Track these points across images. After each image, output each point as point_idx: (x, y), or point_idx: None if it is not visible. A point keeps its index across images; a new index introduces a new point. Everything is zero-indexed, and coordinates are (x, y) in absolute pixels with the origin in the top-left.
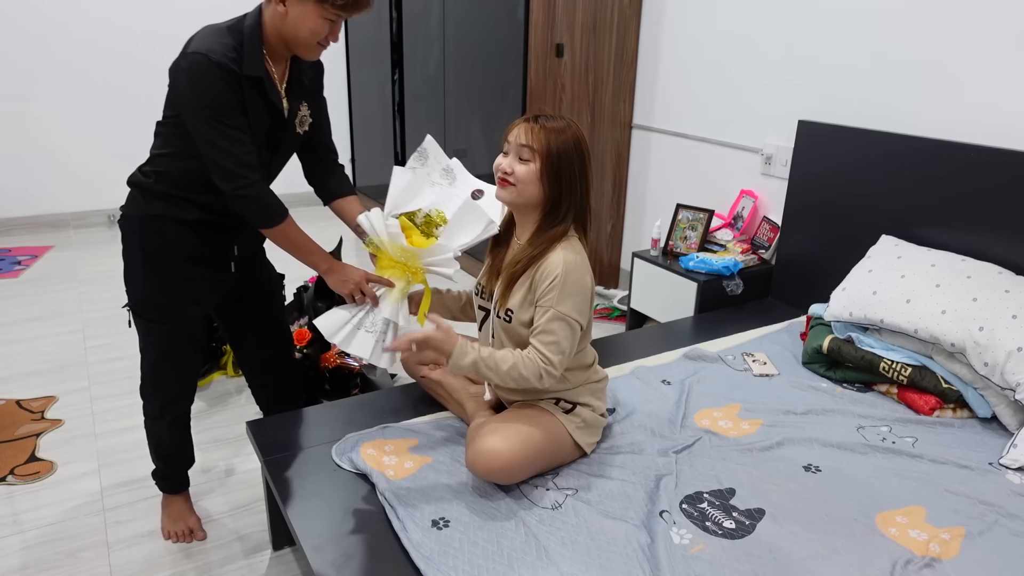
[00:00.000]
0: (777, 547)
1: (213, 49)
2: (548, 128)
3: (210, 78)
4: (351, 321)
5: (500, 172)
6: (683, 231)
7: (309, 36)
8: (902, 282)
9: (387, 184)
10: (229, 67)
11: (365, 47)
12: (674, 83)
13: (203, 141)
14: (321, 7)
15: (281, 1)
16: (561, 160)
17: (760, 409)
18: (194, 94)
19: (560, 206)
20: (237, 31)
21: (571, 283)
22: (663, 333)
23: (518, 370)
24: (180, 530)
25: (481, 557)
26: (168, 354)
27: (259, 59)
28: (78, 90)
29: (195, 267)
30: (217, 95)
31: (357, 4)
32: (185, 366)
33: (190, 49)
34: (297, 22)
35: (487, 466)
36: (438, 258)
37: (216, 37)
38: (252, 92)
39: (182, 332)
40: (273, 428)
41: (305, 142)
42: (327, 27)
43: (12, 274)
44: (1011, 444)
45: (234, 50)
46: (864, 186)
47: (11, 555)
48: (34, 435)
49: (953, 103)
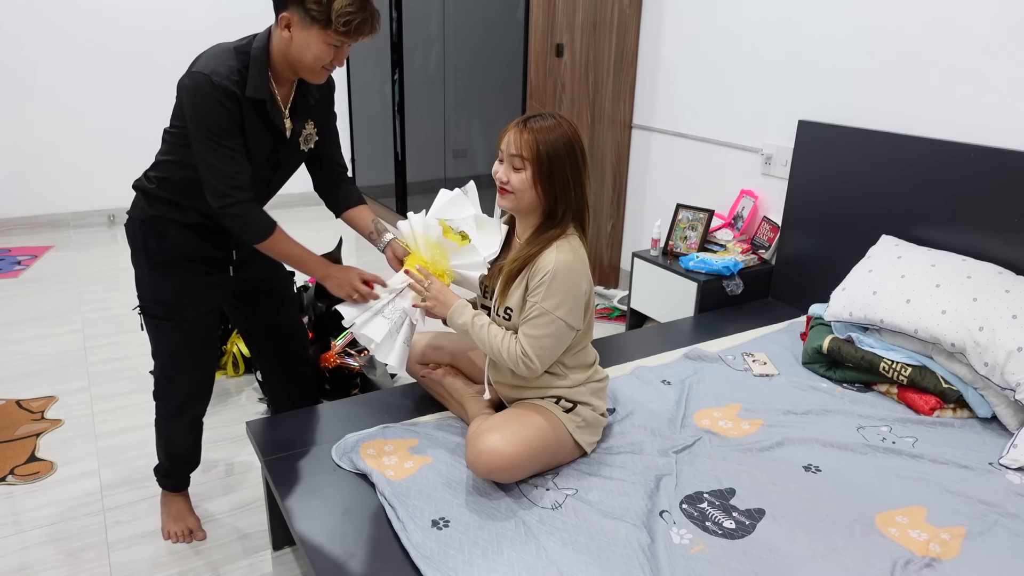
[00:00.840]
0: (777, 547)
1: (217, 71)
2: (537, 131)
3: (209, 99)
4: (373, 307)
5: (498, 180)
6: (683, 231)
7: (314, 61)
8: (902, 282)
9: (386, 184)
10: (230, 89)
11: (365, 47)
12: (674, 83)
13: (198, 157)
14: (325, 33)
15: (287, 27)
16: (552, 164)
17: (760, 409)
18: (194, 112)
19: (557, 209)
20: (244, 52)
21: (560, 282)
22: (663, 333)
23: (501, 352)
24: (180, 530)
25: (481, 557)
26: (178, 353)
27: (263, 81)
28: (78, 90)
29: (197, 266)
30: (214, 116)
31: (360, 30)
32: (197, 365)
33: (195, 68)
34: (302, 47)
35: (487, 465)
36: (468, 260)
37: (222, 58)
38: (253, 114)
39: (190, 330)
40: (273, 428)
41: (313, 157)
42: (331, 52)
43: (12, 274)
44: (1011, 444)
45: (238, 72)
46: (864, 186)
47: (11, 555)
48: (34, 435)
49: (953, 103)
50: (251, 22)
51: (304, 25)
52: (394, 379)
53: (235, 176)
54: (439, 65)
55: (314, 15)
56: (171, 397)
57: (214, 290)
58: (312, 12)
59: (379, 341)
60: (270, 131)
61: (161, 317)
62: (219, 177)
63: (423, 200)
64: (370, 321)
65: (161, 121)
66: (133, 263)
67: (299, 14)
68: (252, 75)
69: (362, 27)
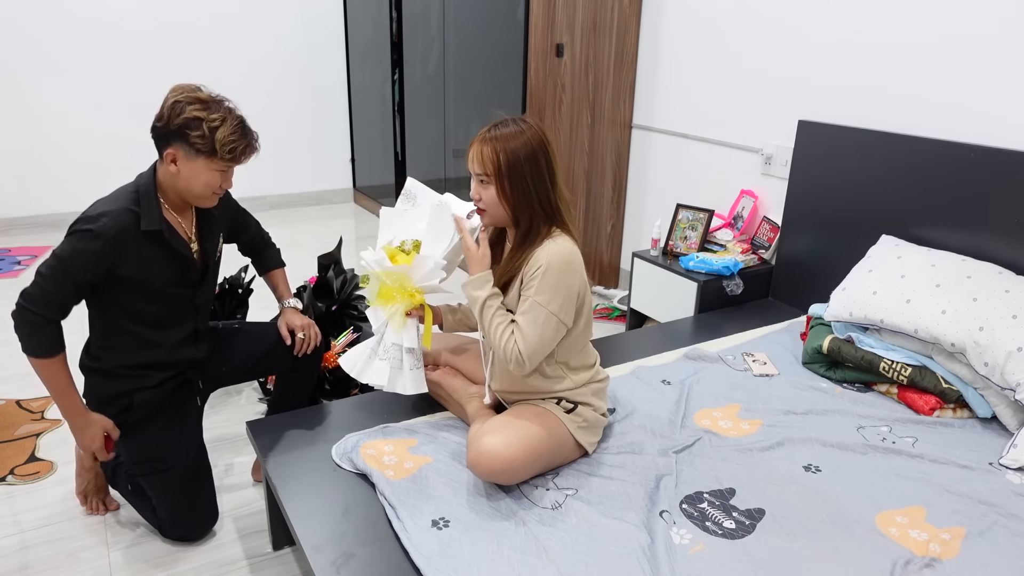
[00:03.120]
0: (777, 547)
1: (105, 213)
2: (496, 140)
3: (78, 241)
4: (365, 351)
5: (474, 201)
6: (683, 231)
7: (203, 188)
8: (902, 282)
9: (386, 184)
10: (113, 231)
11: (365, 47)
12: (674, 83)
13: (36, 273)
14: (211, 161)
15: (172, 161)
16: (512, 173)
17: (760, 409)
18: (62, 246)
19: (521, 221)
20: (134, 191)
21: (552, 275)
22: (663, 333)
23: (499, 343)
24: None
25: (481, 557)
26: (179, 495)
27: (156, 213)
28: (78, 90)
29: (166, 414)
30: (73, 256)
31: (245, 153)
32: (207, 494)
33: (84, 214)
34: (190, 178)
35: (488, 467)
36: (425, 271)
37: (113, 200)
38: (150, 245)
39: (183, 469)
40: (273, 428)
41: (235, 238)
42: (219, 177)
43: (12, 274)
44: (1011, 444)
45: (130, 211)
46: (864, 186)
47: (11, 555)
48: (34, 435)
49: (953, 103)
50: (251, 21)
51: (189, 157)
52: None
53: (53, 296)
54: (439, 65)
55: (199, 147)
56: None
57: (189, 421)
58: (196, 145)
59: (386, 383)
60: (175, 257)
61: (148, 473)
62: (41, 288)
63: None
64: (369, 367)
65: None
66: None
67: (183, 148)
68: (144, 210)
69: (246, 151)
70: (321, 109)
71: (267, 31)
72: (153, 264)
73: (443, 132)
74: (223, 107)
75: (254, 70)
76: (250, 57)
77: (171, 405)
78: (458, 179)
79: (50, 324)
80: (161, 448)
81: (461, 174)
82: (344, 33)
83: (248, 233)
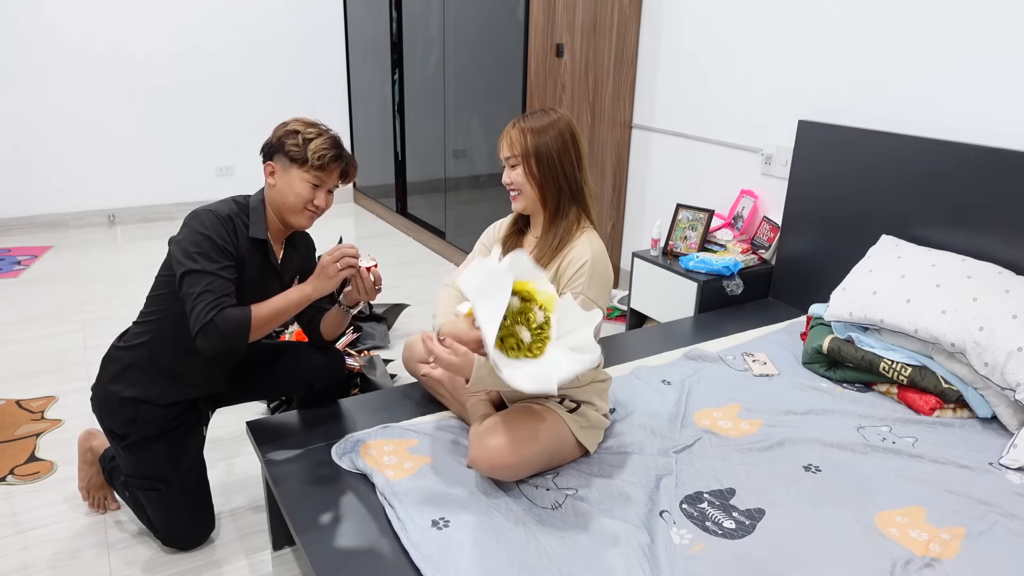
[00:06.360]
0: (777, 547)
1: (219, 210)
2: (527, 129)
3: (210, 223)
4: None
5: (507, 186)
6: (683, 231)
7: (296, 200)
8: (902, 282)
9: (387, 184)
10: (232, 222)
11: (365, 47)
12: (674, 83)
13: (180, 279)
14: (302, 171)
15: (271, 174)
16: (540, 155)
17: (760, 409)
18: (190, 231)
19: (550, 197)
20: (242, 203)
21: (598, 270)
22: (663, 333)
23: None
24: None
25: (481, 557)
26: (175, 512)
27: (264, 226)
28: (78, 90)
29: (168, 437)
30: (211, 236)
31: (334, 164)
32: (204, 509)
33: (194, 211)
34: (285, 189)
35: (490, 463)
36: (584, 334)
37: (221, 204)
38: (253, 253)
39: (181, 486)
40: (273, 428)
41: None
42: (311, 191)
43: (12, 274)
44: (1011, 444)
45: (238, 216)
46: (864, 186)
47: (11, 555)
48: (34, 435)
49: (953, 103)
50: (251, 22)
51: (284, 168)
52: (394, 379)
53: (211, 277)
54: (439, 65)
55: (293, 155)
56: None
57: (192, 443)
58: (291, 153)
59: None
60: (267, 270)
61: (145, 489)
62: (196, 284)
63: (423, 200)
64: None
65: (161, 121)
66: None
67: (280, 160)
68: (253, 221)
69: (336, 160)
70: (321, 109)
71: (267, 31)
72: (246, 268)
73: (443, 132)
74: (323, 127)
75: (254, 70)
76: (250, 57)
77: (175, 430)
78: (458, 179)
79: (225, 311)
80: (160, 468)
81: (461, 174)
82: (344, 33)
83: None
